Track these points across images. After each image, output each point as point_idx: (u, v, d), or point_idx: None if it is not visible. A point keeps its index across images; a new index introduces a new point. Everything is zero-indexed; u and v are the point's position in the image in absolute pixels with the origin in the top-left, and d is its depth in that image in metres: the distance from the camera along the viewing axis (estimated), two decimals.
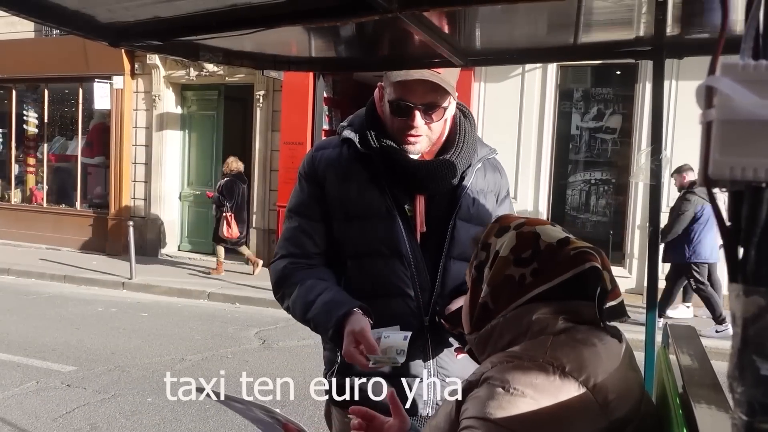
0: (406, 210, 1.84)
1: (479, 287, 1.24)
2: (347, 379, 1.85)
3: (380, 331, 1.62)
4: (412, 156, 1.84)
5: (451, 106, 1.85)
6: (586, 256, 1.15)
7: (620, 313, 1.18)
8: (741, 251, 0.47)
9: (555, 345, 1.09)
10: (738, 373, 0.46)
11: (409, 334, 1.61)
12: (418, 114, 1.77)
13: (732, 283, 0.47)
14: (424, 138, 1.82)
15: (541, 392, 1.01)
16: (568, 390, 1.02)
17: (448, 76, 1.76)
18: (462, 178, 1.88)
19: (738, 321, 0.46)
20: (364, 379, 1.82)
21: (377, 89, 1.90)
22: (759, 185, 0.46)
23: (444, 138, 1.88)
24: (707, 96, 0.48)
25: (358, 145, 1.84)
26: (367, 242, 1.83)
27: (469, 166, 1.89)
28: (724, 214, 0.49)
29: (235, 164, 10.67)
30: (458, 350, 1.81)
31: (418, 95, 1.75)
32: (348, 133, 1.88)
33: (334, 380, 1.90)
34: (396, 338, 1.60)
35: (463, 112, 1.94)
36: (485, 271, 1.23)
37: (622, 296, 1.19)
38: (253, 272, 10.56)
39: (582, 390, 1.02)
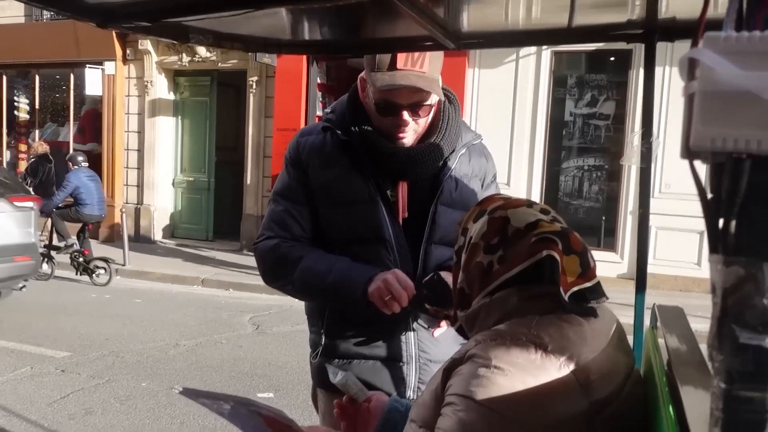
0: (389, 196, 1.85)
1: (457, 272, 1.26)
2: (333, 361, 1.88)
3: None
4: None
5: (436, 98, 1.84)
6: (544, 245, 1.13)
7: (597, 294, 1.15)
8: (721, 222, 0.48)
9: (540, 324, 1.10)
10: (717, 342, 0.47)
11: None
12: (405, 113, 1.77)
13: (713, 254, 0.48)
14: (411, 132, 1.83)
15: (522, 371, 1.02)
16: (549, 369, 1.03)
17: (433, 71, 1.76)
18: (445, 164, 1.88)
19: (718, 291, 0.47)
20: (347, 361, 1.86)
21: (359, 80, 1.90)
22: (740, 156, 0.46)
23: (428, 124, 1.88)
24: (690, 68, 0.48)
25: (339, 133, 1.85)
26: (351, 228, 1.84)
27: (453, 151, 1.90)
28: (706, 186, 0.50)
29: (40, 148, 11.48)
30: (434, 328, 1.82)
31: (404, 96, 1.75)
32: (329, 121, 1.89)
33: (318, 362, 1.92)
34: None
35: (448, 97, 1.93)
36: (462, 256, 1.25)
37: (598, 278, 1.17)
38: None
39: (563, 370, 1.03)
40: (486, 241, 1.19)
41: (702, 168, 0.56)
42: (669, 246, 8.77)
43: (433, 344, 1.87)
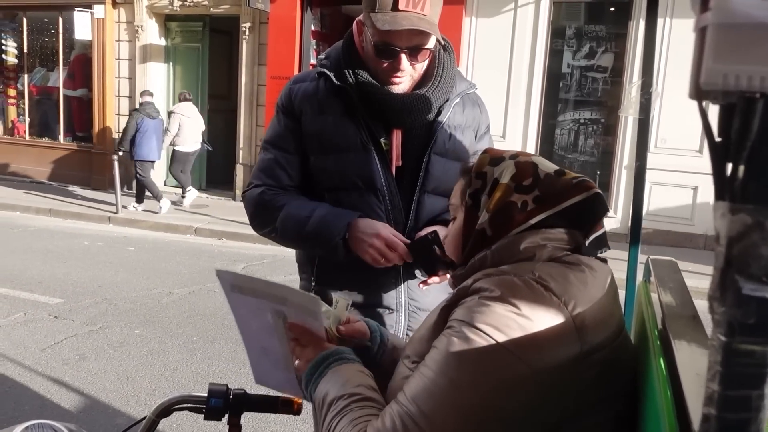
0: (382, 144, 1.84)
1: (475, 215, 1.24)
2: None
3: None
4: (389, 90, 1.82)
5: (434, 42, 1.81)
6: (588, 184, 1.20)
7: (603, 243, 1.22)
8: (729, 168, 0.45)
9: (544, 267, 1.12)
10: (719, 293, 0.45)
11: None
12: (404, 57, 1.75)
13: (718, 201, 0.45)
14: (408, 78, 1.81)
15: (522, 304, 1.04)
16: (548, 307, 1.04)
17: (433, 15, 1.72)
18: (439, 113, 1.87)
19: (722, 240, 0.44)
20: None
21: (356, 24, 1.86)
22: (753, 95, 0.43)
23: (423, 70, 1.86)
24: None
25: (334, 79, 1.82)
26: (343, 176, 1.83)
27: (447, 100, 1.88)
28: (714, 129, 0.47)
29: None
30: (422, 283, 1.82)
31: (404, 39, 1.72)
32: (324, 67, 1.86)
33: None
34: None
35: (443, 45, 1.90)
36: (483, 198, 1.24)
37: (605, 228, 1.23)
38: None
39: (562, 310, 1.04)
40: (518, 182, 1.20)
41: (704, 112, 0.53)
42: (662, 201, 8.79)
43: (422, 292, 1.89)
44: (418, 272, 1.86)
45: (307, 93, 1.86)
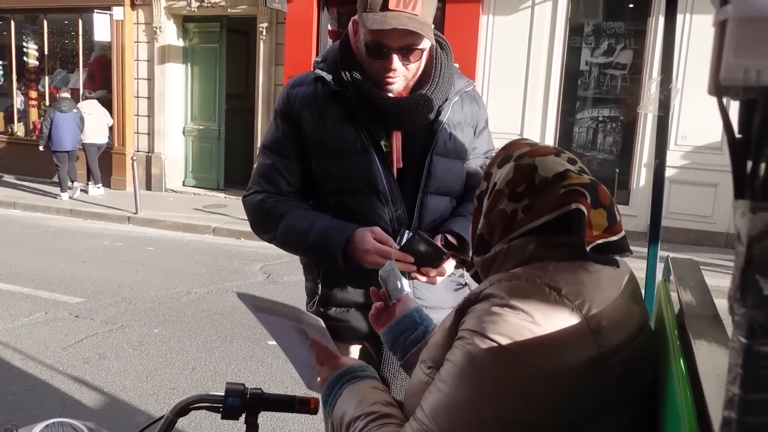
0: (383, 146, 1.84)
1: (478, 217, 1.25)
2: (331, 309, 1.92)
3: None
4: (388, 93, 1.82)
5: (427, 43, 1.80)
6: (573, 197, 1.11)
7: (621, 248, 1.16)
8: (750, 165, 0.44)
9: (556, 269, 1.09)
10: (740, 294, 0.43)
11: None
12: (395, 57, 1.74)
13: (738, 200, 0.44)
14: (401, 78, 1.80)
15: (534, 311, 1.02)
16: (562, 312, 1.02)
17: (425, 15, 1.71)
18: (438, 113, 1.86)
19: (743, 239, 0.43)
20: (344, 309, 1.88)
21: (351, 24, 1.85)
22: None
23: (420, 72, 1.85)
24: None
25: (332, 83, 1.81)
26: (345, 179, 1.83)
27: (446, 99, 1.87)
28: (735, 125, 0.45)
29: None
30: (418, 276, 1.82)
31: (395, 39, 1.71)
32: (321, 71, 1.85)
33: (315, 311, 1.95)
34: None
35: (440, 43, 1.90)
36: (484, 202, 1.23)
37: (624, 232, 1.17)
38: None
39: (576, 314, 1.02)
40: (511, 189, 1.17)
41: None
42: (682, 199, 8.69)
43: (428, 291, 1.89)
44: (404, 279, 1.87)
45: (306, 98, 1.86)
